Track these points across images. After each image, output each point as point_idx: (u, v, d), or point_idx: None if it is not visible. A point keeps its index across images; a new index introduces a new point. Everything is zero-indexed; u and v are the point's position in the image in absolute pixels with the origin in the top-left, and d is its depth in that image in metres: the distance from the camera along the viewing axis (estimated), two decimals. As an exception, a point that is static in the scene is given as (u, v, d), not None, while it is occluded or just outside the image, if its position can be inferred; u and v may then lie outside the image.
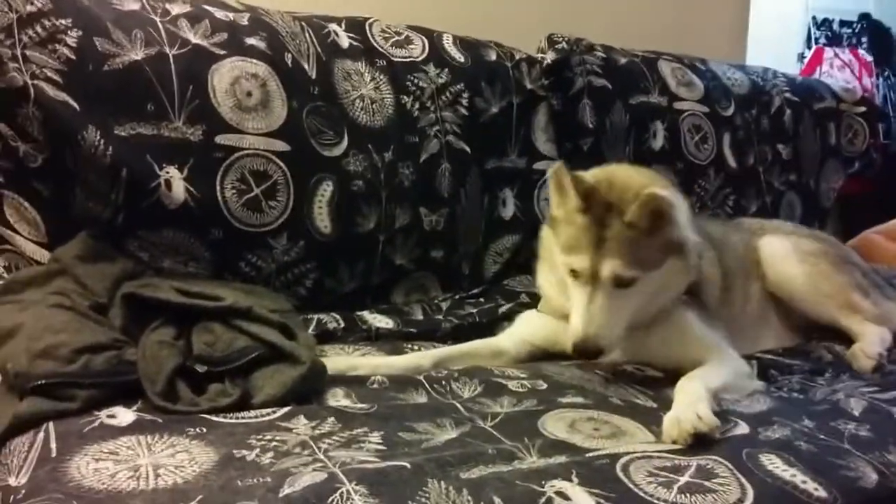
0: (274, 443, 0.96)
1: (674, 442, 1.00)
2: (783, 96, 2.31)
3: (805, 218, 2.27)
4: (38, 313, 1.17)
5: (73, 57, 1.33)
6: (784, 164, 2.26)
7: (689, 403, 1.06)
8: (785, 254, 1.58)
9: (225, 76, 1.44)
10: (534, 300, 1.65)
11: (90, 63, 1.34)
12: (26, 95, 1.29)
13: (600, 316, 1.19)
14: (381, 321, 1.47)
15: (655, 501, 0.87)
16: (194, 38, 1.44)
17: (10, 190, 1.34)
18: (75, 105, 1.31)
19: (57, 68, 1.32)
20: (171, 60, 1.40)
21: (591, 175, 1.29)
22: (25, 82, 1.29)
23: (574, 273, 1.23)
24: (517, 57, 1.87)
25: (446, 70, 1.73)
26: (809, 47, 3.67)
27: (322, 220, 1.50)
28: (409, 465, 0.90)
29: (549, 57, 1.91)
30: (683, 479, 0.92)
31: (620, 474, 0.92)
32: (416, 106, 1.66)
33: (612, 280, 1.20)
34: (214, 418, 1.03)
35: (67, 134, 1.31)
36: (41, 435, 0.97)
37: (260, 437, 0.97)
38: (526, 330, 1.41)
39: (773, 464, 0.98)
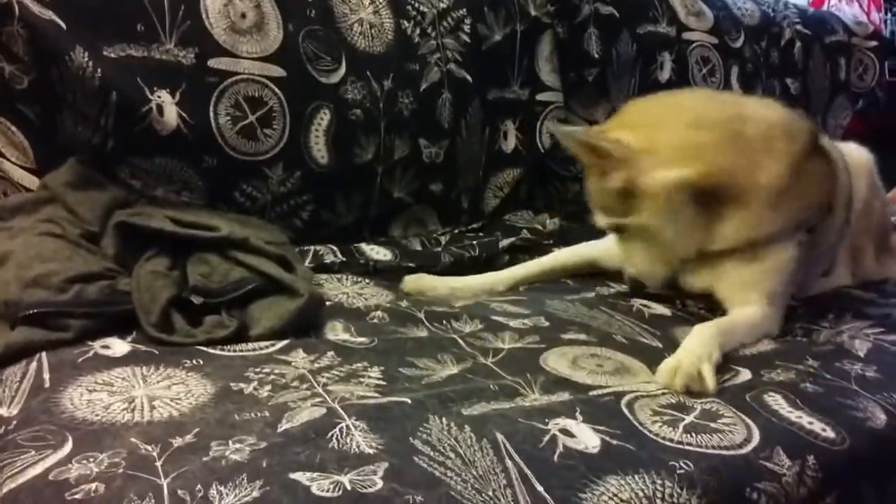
0: (272, 376, 0.94)
1: (664, 387, 0.98)
2: (794, 28, 2.25)
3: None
4: (28, 241, 1.13)
5: (58, -28, 1.27)
6: (792, 99, 2.20)
7: (696, 357, 1.01)
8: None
9: (218, -4, 1.38)
10: (537, 235, 1.63)
11: (76, -22, 1.28)
12: (10, 12, 1.23)
13: None
14: (379, 253, 1.44)
15: (661, 440, 0.85)
16: (186, -44, 1.37)
17: (-4, 113, 1.29)
18: (62, 23, 1.25)
19: (42, -17, 1.25)
20: (162, -22, 1.33)
21: None
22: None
23: None
24: (522, -19, 1.80)
25: (448, -7, 1.66)
26: (810, -2, 3.59)
27: (319, 149, 1.46)
28: (409, 401, 0.88)
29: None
30: (688, 419, 0.90)
31: (625, 411, 0.91)
32: (417, 32, 1.60)
33: None
34: (211, 350, 1.01)
35: (54, 54, 1.25)
36: (34, 365, 0.95)
37: (258, 370, 0.95)
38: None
39: (779, 404, 0.96)
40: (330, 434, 0.80)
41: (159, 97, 1.31)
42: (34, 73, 1.26)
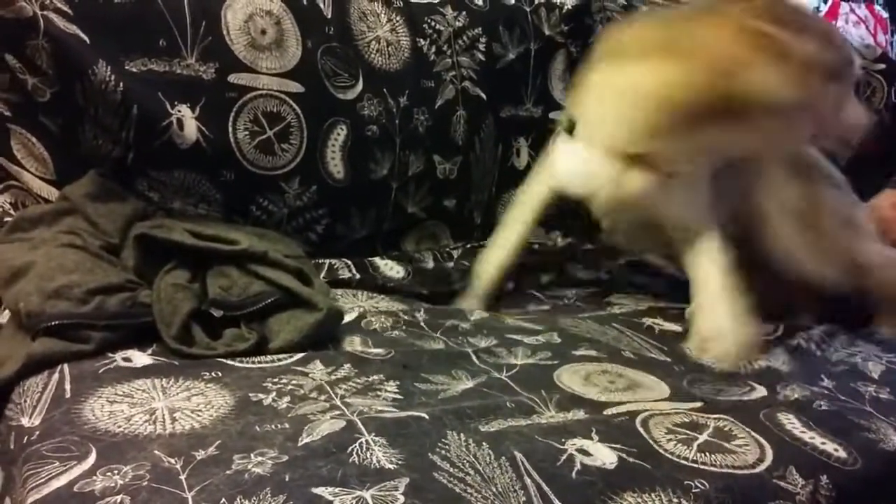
0: (290, 387, 0.95)
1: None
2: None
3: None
4: (50, 252, 1.14)
5: (83, -14, 1.28)
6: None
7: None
8: None
9: (239, 12, 1.39)
10: (547, 251, 1.64)
11: (101, -6, 1.29)
12: (36, 26, 1.24)
13: None
14: (392, 269, 1.45)
15: (676, 459, 0.86)
16: (208, -28, 1.39)
17: (18, 124, 1.30)
18: (86, 38, 1.27)
19: (67, -1, 1.27)
20: (184, -6, 1.35)
21: None
22: (35, 13, 1.24)
23: None
24: (536, 1, 1.82)
25: (464, 13, 1.68)
26: (826, 1, 3.59)
27: (335, 164, 1.47)
28: (427, 416, 0.89)
29: (570, 2, 1.86)
30: (702, 438, 0.91)
31: (640, 430, 0.91)
32: (433, 50, 1.62)
33: None
34: (230, 362, 1.02)
35: (78, 68, 1.27)
36: (55, 376, 0.96)
37: (276, 380, 0.97)
38: None
39: (792, 423, 0.97)
40: (350, 448, 0.81)
41: (179, 111, 1.32)
42: (57, 85, 1.28)
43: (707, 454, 0.88)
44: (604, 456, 0.84)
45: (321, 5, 1.49)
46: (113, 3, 1.30)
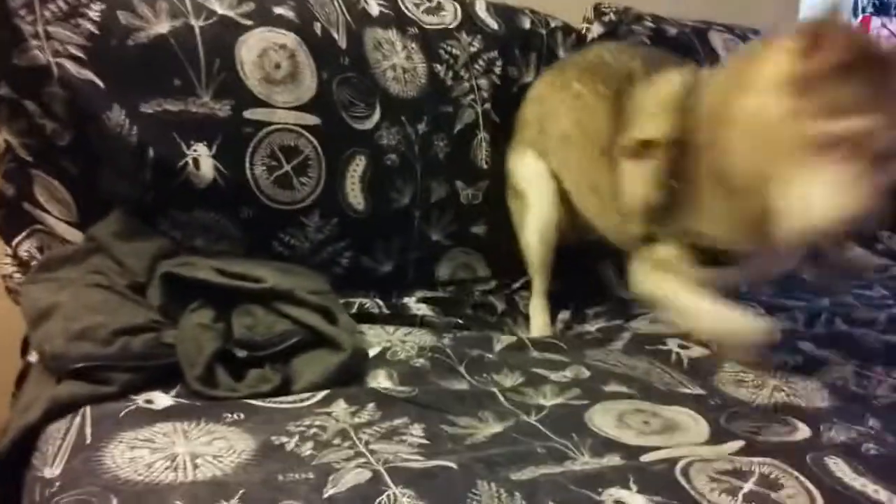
0: (313, 430, 0.93)
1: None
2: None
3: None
4: (75, 293, 1.14)
5: (96, 31, 1.29)
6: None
7: None
8: None
9: (253, 48, 1.39)
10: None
11: (114, 37, 1.30)
12: (49, 73, 1.25)
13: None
14: (421, 310, 1.42)
15: (721, 513, 0.81)
16: (220, 9, 1.38)
17: (39, 169, 1.31)
18: (100, 83, 1.27)
19: (80, 44, 1.27)
20: (198, 32, 1.35)
21: None
22: (48, 61, 1.25)
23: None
24: (552, 24, 1.80)
25: (479, 37, 1.66)
26: (856, 16, 3.54)
27: (355, 196, 1.45)
28: (455, 466, 0.86)
29: (596, 30, 1.83)
30: (747, 487, 0.85)
31: (681, 479, 0.86)
32: (450, 75, 1.60)
33: None
34: (251, 402, 1.00)
35: (91, 113, 1.27)
36: (77, 420, 0.95)
37: (298, 423, 0.94)
38: None
39: (841, 470, 0.90)
40: (377, 502, 0.78)
41: (195, 150, 1.32)
42: (74, 130, 1.28)
43: (754, 505, 0.82)
44: (644, 510, 0.79)
45: (335, 35, 1.49)
46: (126, 45, 1.30)
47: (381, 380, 1.09)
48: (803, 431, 1.00)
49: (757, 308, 1.46)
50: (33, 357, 1.14)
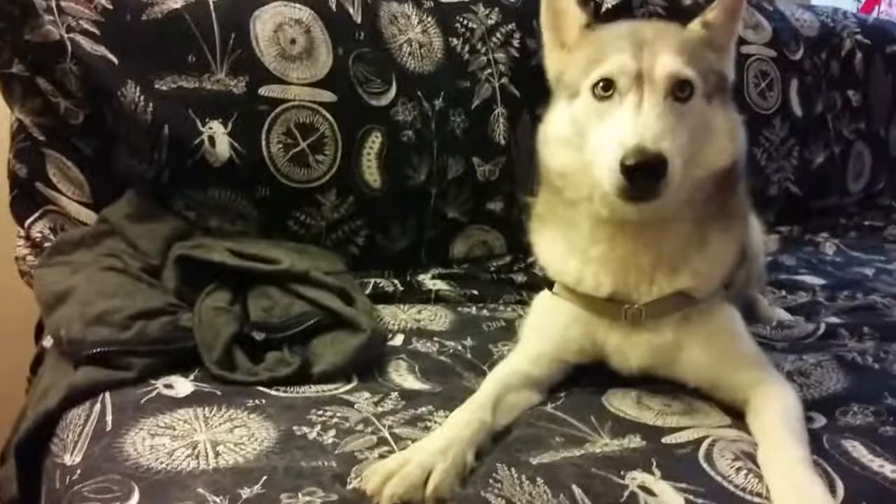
0: (335, 419, 0.91)
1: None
2: (854, 38, 2.17)
3: (874, 168, 2.15)
4: (90, 276, 1.13)
5: (109, 6, 1.27)
6: (854, 111, 2.13)
7: (801, 487, 0.78)
8: None
9: (268, 23, 1.37)
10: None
11: (128, 12, 1.28)
12: (63, 49, 1.23)
13: (656, 122, 0.88)
14: (437, 285, 1.41)
15: (748, 497, 0.79)
16: (235, -17, 1.36)
17: (52, 148, 1.29)
18: (113, 59, 1.25)
19: (93, 19, 1.26)
20: (212, 7, 1.33)
21: None
22: (61, 36, 1.23)
23: (606, 87, 0.92)
24: (570, -5, 1.76)
25: (496, 9, 1.63)
26: (863, -5, 3.48)
27: (371, 173, 1.44)
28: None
29: (611, 0, 1.79)
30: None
31: (704, 464, 0.84)
32: (467, 49, 1.57)
33: (668, 81, 0.91)
34: (272, 392, 0.98)
35: (106, 90, 1.25)
36: (97, 406, 0.94)
37: (320, 411, 0.93)
38: (548, 345, 1.03)
39: (858, 452, 0.88)
40: (401, 490, 0.77)
41: (211, 128, 1.30)
42: (88, 108, 1.27)
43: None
44: (669, 498, 0.78)
45: (350, 10, 1.46)
46: (140, 21, 1.28)
47: (402, 371, 1.07)
48: (819, 420, 0.97)
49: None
50: (48, 342, 1.13)
